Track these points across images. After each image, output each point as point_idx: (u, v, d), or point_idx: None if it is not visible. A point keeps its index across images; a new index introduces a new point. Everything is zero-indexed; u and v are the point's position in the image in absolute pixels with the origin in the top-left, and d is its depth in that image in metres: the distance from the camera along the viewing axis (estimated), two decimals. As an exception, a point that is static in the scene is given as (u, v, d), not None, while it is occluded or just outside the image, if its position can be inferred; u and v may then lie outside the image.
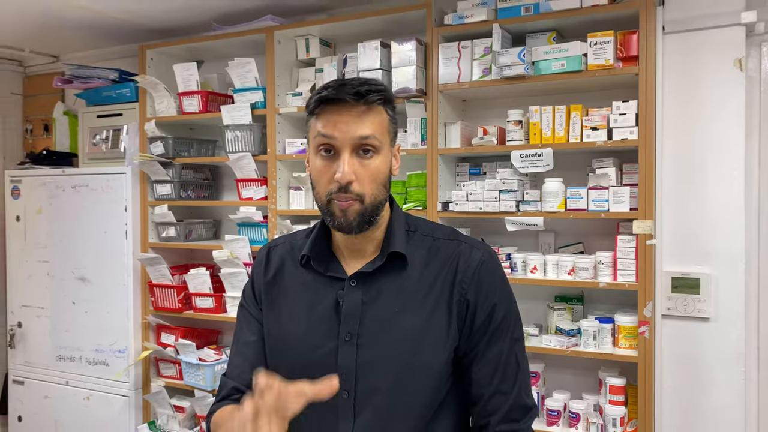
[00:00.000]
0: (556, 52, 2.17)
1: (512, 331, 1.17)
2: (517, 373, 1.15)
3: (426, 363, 1.12)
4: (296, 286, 1.21)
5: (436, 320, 1.13)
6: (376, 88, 1.10)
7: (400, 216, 1.20)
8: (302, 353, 1.16)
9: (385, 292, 1.14)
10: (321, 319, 1.15)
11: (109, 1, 2.68)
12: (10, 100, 3.80)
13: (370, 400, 1.11)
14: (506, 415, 1.13)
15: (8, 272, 3.39)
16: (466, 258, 1.16)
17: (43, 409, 3.26)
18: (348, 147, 1.08)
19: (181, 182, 2.96)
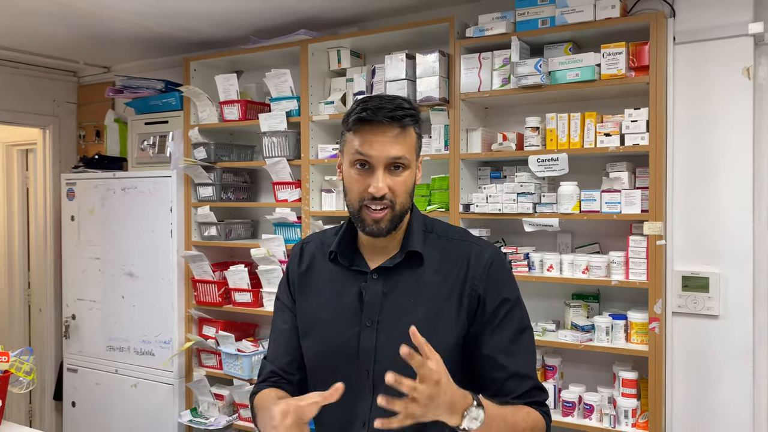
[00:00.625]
0: (571, 62, 2.30)
1: (521, 320, 1.30)
2: (531, 359, 1.29)
3: (436, 347, 1.22)
4: (325, 278, 1.36)
5: (446, 310, 1.27)
6: (409, 112, 1.24)
7: (419, 218, 1.35)
8: (330, 337, 1.31)
9: (403, 285, 1.29)
10: (346, 307, 1.31)
11: (156, 17, 2.91)
12: (66, 108, 4.09)
13: None
14: (526, 393, 1.24)
15: (64, 268, 3.66)
16: (476, 257, 1.30)
17: (95, 396, 3.51)
18: (382, 164, 1.23)
19: (221, 185, 3.17)
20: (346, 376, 1.22)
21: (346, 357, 1.28)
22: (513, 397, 1.24)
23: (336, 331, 1.31)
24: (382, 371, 1.18)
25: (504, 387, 1.24)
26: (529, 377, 1.26)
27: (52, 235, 3.97)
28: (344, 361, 1.28)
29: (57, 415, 3.95)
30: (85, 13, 2.84)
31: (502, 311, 1.27)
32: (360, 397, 1.27)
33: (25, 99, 3.85)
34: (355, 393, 1.26)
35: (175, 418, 3.21)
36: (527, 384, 1.25)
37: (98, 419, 3.48)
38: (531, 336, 1.31)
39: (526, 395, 1.24)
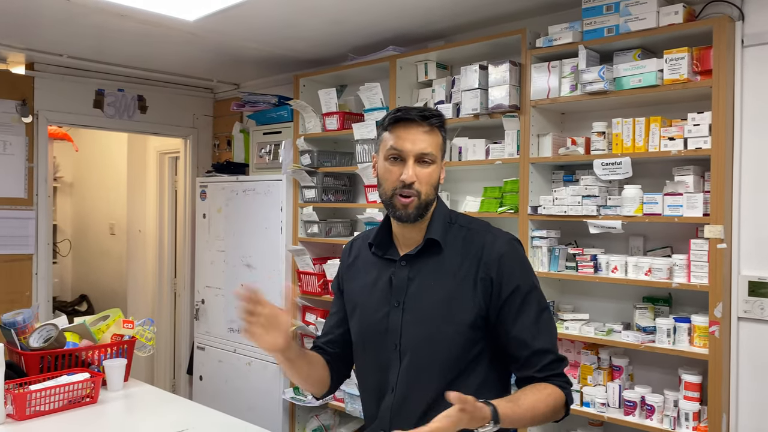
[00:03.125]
0: (635, 68, 2.36)
1: (538, 302, 1.45)
2: (549, 337, 1.44)
3: (452, 324, 1.43)
4: (366, 267, 1.60)
5: (462, 292, 1.44)
6: (436, 114, 1.47)
7: (441, 211, 1.52)
8: (367, 316, 1.55)
9: (425, 270, 1.49)
10: (379, 290, 1.53)
11: (273, 41, 3.33)
12: (203, 120, 4.71)
13: (411, 349, 1.46)
14: (546, 367, 1.41)
15: (196, 259, 4.24)
16: (490, 245, 1.46)
17: (217, 371, 4.02)
18: (412, 157, 1.43)
19: (323, 188, 3.53)
20: (379, 349, 1.51)
21: (379, 333, 1.51)
22: (535, 370, 1.41)
23: (371, 311, 1.53)
24: (407, 344, 1.47)
25: (527, 362, 1.42)
26: (549, 351, 1.42)
27: (189, 231, 4.59)
28: (377, 337, 1.51)
29: (189, 387, 4.56)
30: (221, 42, 3.35)
31: (518, 298, 1.43)
32: (390, 366, 1.49)
33: (172, 113, 4.51)
34: (386, 363, 1.50)
35: (280, 394, 3.61)
36: (548, 357, 1.42)
37: (220, 392, 3.99)
38: (549, 315, 1.47)
39: (547, 368, 1.41)
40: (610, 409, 2.47)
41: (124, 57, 3.78)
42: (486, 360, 1.46)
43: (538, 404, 1.35)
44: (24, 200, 3.81)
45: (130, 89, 4.27)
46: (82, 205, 5.98)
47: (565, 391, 1.42)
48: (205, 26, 3.01)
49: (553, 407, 1.38)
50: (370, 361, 1.54)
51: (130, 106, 4.27)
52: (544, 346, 1.42)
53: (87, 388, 2.20)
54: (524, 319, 1.42)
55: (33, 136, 3.85)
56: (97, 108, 4.13)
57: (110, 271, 5.65)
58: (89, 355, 2.40)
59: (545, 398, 1.37)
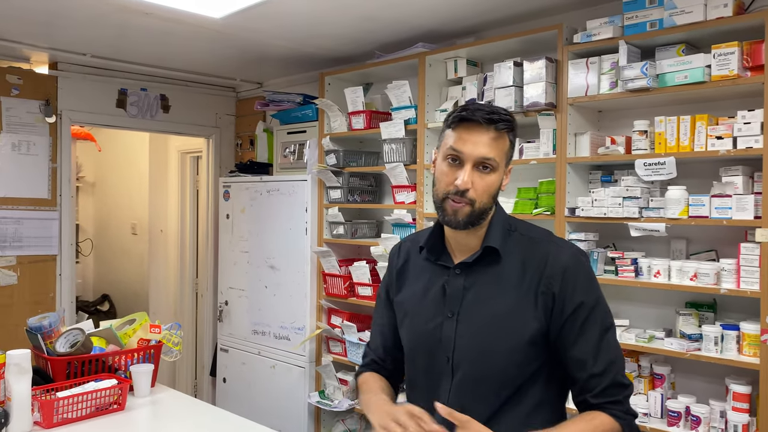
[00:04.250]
0: (680, 64, 2.26)
1: (601, 321, 1.33)
2: (611, 358, 1.32)
3: (509, 339, 1.33)
4: (417, 272, 1.50)
5: (522, 306, 1.34)
6: (504, 117, 1.33)
7: (501, 217, 1.42)
8: (418, 325, 1.45)
9: (482, 280, 1.38)
10: (432, 299, 1.43)
11: (298, 39, 3.27)
12: (226, 120, 4.66)
13: (464, 364, 1.36)
14: (602, 392, 1.30)
15: (219, 260, 4.19)
16: (553, 258, 1.34)
17: (241, 374, 3.98)
18: (471, 161, 1.32)
19: (349, 188, 3.46)
20: (430, 360, 1.42)
21: (431, 344, 1.41)
22: (591, 395, 1.31)
23: (423, 321, 1.44)
24: (460, 358, 1.37)
25: (585, 385, 1.32)
26: (609, 375, 1.30)
27: (212, 231, 4.55)
28: (429, 347, 1.41)
29: (212, 389, 4.51)
30: (246, 39, 3.29)
31: (582, 315, 1.32)
32: (442, 378, 1.40)
33: (195, 112, 4.46)
34: (438, 375, 1.41)
35: (305, 398, 3.55)
36: (606, 381, 1.30)
37: (244, 395, 3.94)
38: (613, 335, 1.35)
39: (604, 393, 1.30)
40: (652, 419, 2.38)
41: (146, 56, 3.74)
42: (544, 378, 1.37)
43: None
44: (48, 201, 3.79)
45: (153, 89, 4.24)
46: (104, 205, 5.98)
47: (621, 421, 1.29)
48: (231, 23, 2.95)
49: None
50: (421, 372, 1.46)
51: (153, 106, 4.23)
52: (603, 369, 1.31)
53: (115, 395, 2.15)
54: (585, 339, 1.32)
55: (56, 136, 3.82)
56: (120, 107, 4.09)
57: (132, 271, 5.64)
58: (116, 361, 2.36)
59: (592, 429, 1.27)
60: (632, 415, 1.32)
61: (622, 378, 1.32)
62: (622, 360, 1.35)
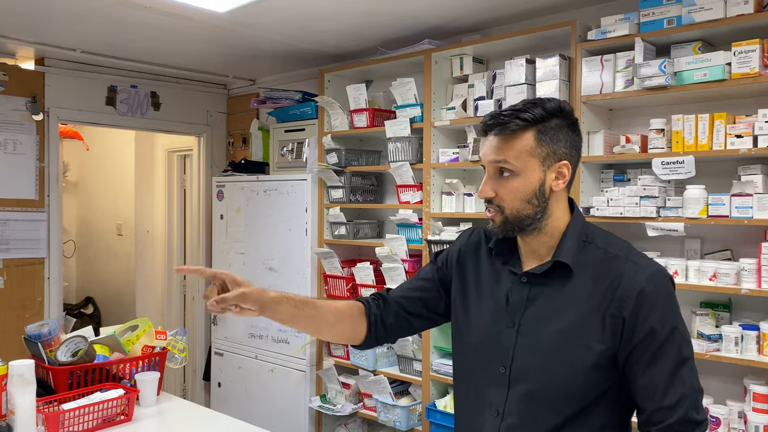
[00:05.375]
0: (699, 62, 2.23)
1: (678, 352, 1.21)
2: (683, 391, 1.19)
3: (572, 361, 1.24)
4: (484, 268, 1.41)
5: (587, 327, 1.24)
6: (518, 115, 1.25)
7: (577, 226, 1.32)
8: (478, 328, 1.38)
9: (548, 293, 1.29)
10: (495, 303, 1.36)
11: (296, 34, 3.19)
12: (217, 117, 4.55)
13: (522, 378, 1.29)
14: (670, 427, 1.19)
15: (213, 261, 4.08)
16: (629, 278, 1.23)
17: (237, 378, 3.88)
18: (488, 168, 1.29)
19: (351, 187, 3.39)
20: (485, 365, 1.34)
21: (489, 350, 1.34)
22: (657, 428, 1.21)
23: (484, 324, 1.36)
24: (519, 371, 1.29)
25: (650, 418, 1.23)
26: (678, 410, 1.19)
27: (204, 232, 4.44)
28: (487, 353, 1.34)
29: (205, 393, 4.41)
30: (245, 35, 3.19)
31: (653, 344, 1.21)
32: (495, 387, 1.32)
33: (185, 110, 4.34)
34: (493, 383, 1.33)
35: (306, 402, 3.47)
36: (674, 417, 1.19)
37: (240, 400, 3.85)
38: (689, 368, 1.22)
39: (671, 428, 1.20)
40: (669, 421, 2.35)
41: (137, 52, 3.62)
42: (609, 402, 1.27)
43: None
44: (35, 202, 3.65)
45: (143, 86, 4.11)
46: (88, 205, 5.81)
47: None
48: (233, 18, 2.86)
49: None
50: (470, 372, 1.39)
51: (144, 103, 4.11)
52: (672, 403, 1.19)
53: (122, 405, 2.06)
54: (657, 370, 1.21)
55: (44, 135, 3.68)
56: (110, 105, 3.96)
57: (117, 273, 5.48)
58: (120, 369, 2.26)
59: None
60: None
61: (694, 414, 1.20)
62: (696, 395, 1.22)
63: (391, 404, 3.05)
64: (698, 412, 1.20)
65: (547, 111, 1.27)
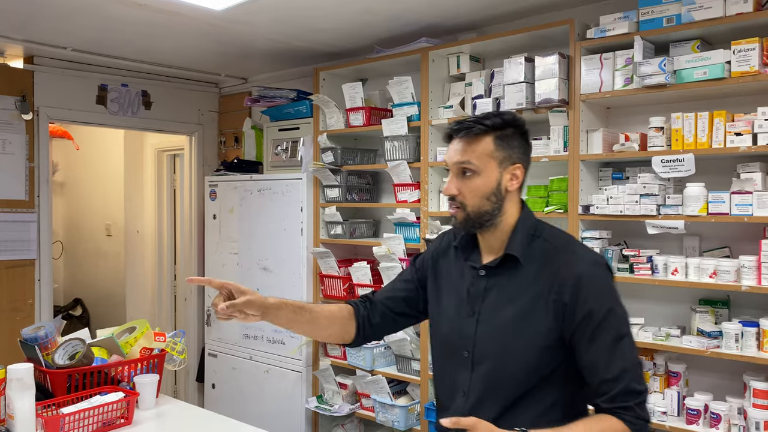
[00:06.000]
0: (698, 60, 2.24)
1: (616, 329, 1.35)
2: (623, 365, 1.33)
3: (524, 343, 1.39)
4: (451, 266, 1.57)
5: (536, 312, 1.39)
6: (480, 122, 1.41)
7: (526, 222, 1.47)
8: (446, 319, 1.54)
9: (501, 284, 1.45)
10: (459, 296, 1.52)
11: (291, 32, 3.16)
12: (208, 116, 4.50)
13: (483, 361, 1.44)
14: (613, 398, 1.32)
15: (206, 262, 4.04)
16: (569, 266, 1.39)
17: (231, 379, 3.85)
18: (452, 169, 1.44)
19: (347, 186, 3.37)
20: (452, 352, 1.51)
21: (453, 337, 1.50)
22: (602, 399, 1.33)
23: (448, 315, 1.54)
24: (480, 355, 1.46)
25: (596, 390, 1.35)
26: (620, 381, 1.32)
27: (196, 232, 4.39)
28: (451, 340, 1.50)
29: (199, 395, 4.36)
30: (239, 33, 3.16)
31: (592, 323, 1.35)
32: (461, 370, 1.48)
33: (176, 109, 4.29)
34: (457, 366, 1.49)
35: (303, 403, 3.45)
36: (617, 388, 1.32)
37: (235, 401, 3.81)
38: (628, 343, 1.36)
39: (614, 399, 1.32)
40: (669, 418, 2.36)
41: (128, 50, 3.56)
42: (560, 380, 1.41)
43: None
44: (25, 202, 3.59)
45: (134, 84, 4.06)
46: (75, 206, 5.72)
47: (632, 426, 1.31)
48: (229, 16, 2.82)
49: None
50: (443, 360, 1.56)
51: (135, 102, 4.05)
52: (614, 375, 1.32)
53: (121, 409, 2.02)
54: (597, 347, 1.34)
55: (33, 134, 3.62)
56: (101, 104, 3.90)
57: (107, 274, 5.41)
58: (119, 372, 2.22)
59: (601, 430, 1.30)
60: (644, 420, 1.33)
61: (635, 384, 1.33)
62: (636, 367, 1.35)
63: (390, 404, 3.03)
64: (639, 383, 1.34)
65: (504, 120, 1.43)
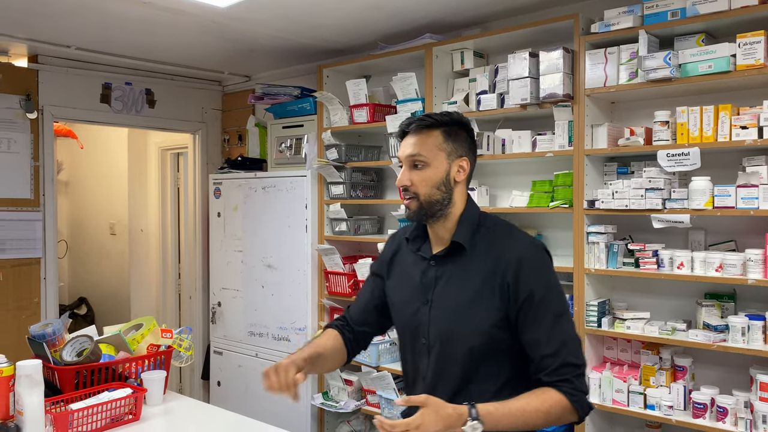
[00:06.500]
0: (703, 54, 2.24)
1: (555, 308, 1.47)
2: (563, 339, 1.45)
3: (474, 324, 1.50)
4: (405, 261, 1.68)
5: (482, 296, 1.50)
6: (428, 118, 1.53)
7: (471, 213, 1.58)
8: (402, 309, 1.65)
9: (450, 271, 1.56)
10: (413, 286, 1.62)
11: (293, 29, 3.16)
12: (212, 114, 4.51)
13: (436, 345, 1.55)
14: (554, 371, 1.43)
15: (210, 260, 4.05)
16: (511, 251, 1.50)
17: (237, 376, 3.85)
18: (405, 162, 1.54)
19: (351, 183, 3.37)
20: (413, 341, 1.61)
21: (412, 327, 1.60)
22: (543, 374, 1.44)
23: (405, 305, 1.63)
24: (434, 339, 1.56)
25: (538, 365, 1.45)
26: (558, 356, 1.43)
27: (200, 230, 4.40)
28: (411, 330, 1.61)
29: (204, 392, 4.37)
30: (242, 31, 3.16)
31: (533, 303, 1.46)
32: (421, 357, 1.59)
33: (180, 107, 4.30)
34: (418, 353, 1.60)
35: (309, 400, 3.45)
36: (556, 362, 1.43)
37: (240, 398, 3.82)
38: (566, 320, 1.48)
39: (554, 373, 1.43)
40: (676, 412, 2.36)
41: (132, 48, 3.57)
42: (510, 359, 1.51)
43: (529, 407, 1.39)
44: (30, 201, 3.60)
45: (138, 83, 4.06)
46: (79, 205, 5.74)
47: (571, 397, 1.41)
48: (232, 14, 2.83)
49: (548, 411, 1.40)
50: (408, 351, 1.65)
51: (138, 101, 4.06)
52: (554, 350, 1.43)
53: (130, 405, 2.03)
54: (538, 324, 1.45)
55: (38, 133, 3.63)
56: (104, 102, 3.91)
57: (111, 273, 5.43)
58: (126, 368, 2.23)
59: (540, 403, 1.40)
60: (582, 392, 1.43)
61: (573, 359, 1.44)
62: (574, 342, 1.47)
63: (395, 400, 3.03)
64: (577, 357, 1.45)
65: (451, 118, 1.55)
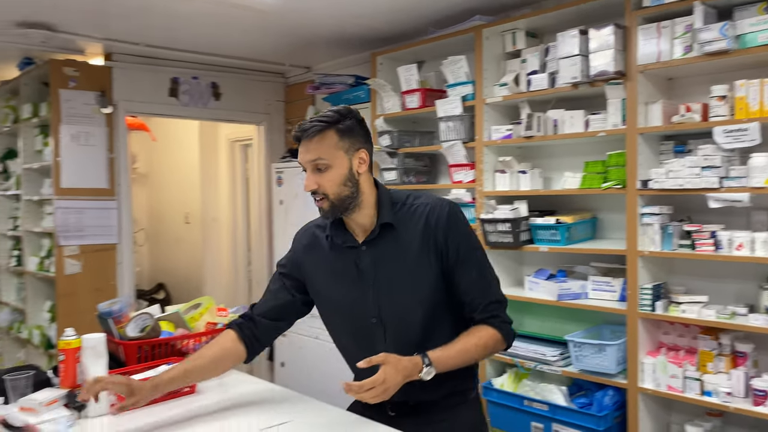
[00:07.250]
0: (763, 23, 2.12)
1: (476, 254, 1.63)
2: (488, 282, 1.63)
3: (420, 291, 1.60)
4: (327, 254, 1.70)
5: (422, 262, 1.60)
6: (318, 120, 1.54)
7: (385, 196, 1.64)
8: (342, 298, 1.68)
9: (386, 250, 1.62)
10: (349, 275, 1.66)
11: (345, 18, 3.22)
12: (275, 106, 4.65)
13: (392, 321, 1.62)
14: (484, 309, 1.60)
15: (274, 246, 4.20)
16: (431, 214, 1.60)
17: (300, 358, 3.99)
18: (308, 167, 1.56)
19: (404, 169, 3.40)
20: (359, 324, 1.65)
21: (356, 312, 1.65)
22: (476, 313, 1.60)
23: (344, 294, 1.67)
24: (387, 318, 1.63)
25: (470, 307, 1.61)
26: (487, 296, 1.61)
27: (265, 218, 4.56)
28: (360, 313, 1.65)
29: (270, 373, 4.55)
30: (295, 22, 3.26)
31: (461, 253, 1.60)
32: (375, 335, 1.64)
33: (245, 100, 4.47)
34: (370, 333, 1.65)
35: (366, 381, 3.52)
36: (485, 301, 1.60)
37: (303, 378, 3.95)
38: (486, 262, 1.64)
39: (485, 310, 1.60)
40: (735, 399, 2.27)
41: (197, 44, 3.74)
42: (453, 311, 1.63)
43: (469, 344, 1.56)
44: (107, 190, 3.85)
45: (204, 77, 4.25)
46: (157, 195, 6.07)
47: (501, 330, 1.60)
48: (283, 6, 2.91)
49: (485, 345, 1.58)
50: (351, 336, 1.71)
51: (205, 94, 4.25)
52: (482, 291, 1.61)
53: (186, 378, 2.15)
54: (467, 271, 1.60)
55: (113, 127, 3.87)
56: (173, 96, 4.12)
57: (186, 260, 5.72)
58: (185, 344, 2.36)
59: (477, 339, 1.57)
60: (508, 323, 1.63)
61: (498, 296, 1.63)
62: (496, 281, 1.65)
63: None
64: (500, 294, 1.65)
65: (339, 114, 1.56)
